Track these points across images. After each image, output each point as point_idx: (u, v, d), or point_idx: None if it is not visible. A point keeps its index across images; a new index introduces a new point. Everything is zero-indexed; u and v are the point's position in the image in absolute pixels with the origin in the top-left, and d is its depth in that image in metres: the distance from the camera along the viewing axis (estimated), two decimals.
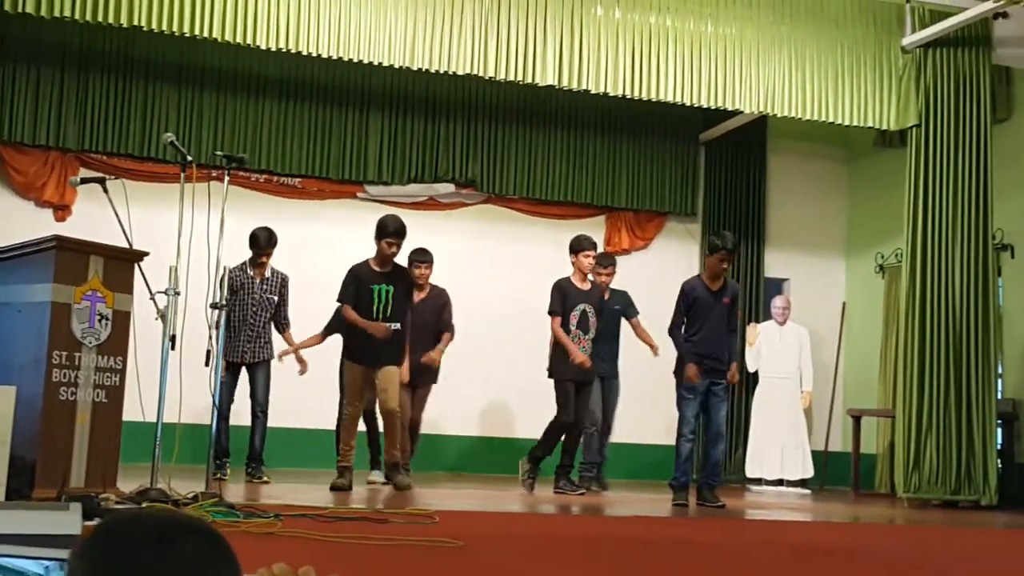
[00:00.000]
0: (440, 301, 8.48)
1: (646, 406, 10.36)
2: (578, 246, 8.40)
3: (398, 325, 7.57)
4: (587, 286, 8.42)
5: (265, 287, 8.31)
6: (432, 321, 8.33)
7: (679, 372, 7.91)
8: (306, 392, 8.90)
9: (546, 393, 8.97)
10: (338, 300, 7.83)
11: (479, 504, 7.12)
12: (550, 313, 8.34)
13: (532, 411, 10.58)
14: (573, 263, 8.40)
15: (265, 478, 8.14)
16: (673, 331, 7.99)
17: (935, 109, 9.40)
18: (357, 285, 7.55)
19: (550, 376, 8.39)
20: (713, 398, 7.87)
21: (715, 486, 7.97)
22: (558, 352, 8.34)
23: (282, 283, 8.41)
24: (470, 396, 10.67)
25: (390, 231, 7.47)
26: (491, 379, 10.69)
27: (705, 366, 7.79)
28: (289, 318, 8.48)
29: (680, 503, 7.75)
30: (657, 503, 8.09)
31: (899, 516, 8.05)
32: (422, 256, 8.46)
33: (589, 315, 8.30)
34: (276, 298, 8.36)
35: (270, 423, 8.41)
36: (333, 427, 8.46)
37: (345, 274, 7.74)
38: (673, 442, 8.05)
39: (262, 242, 8.22)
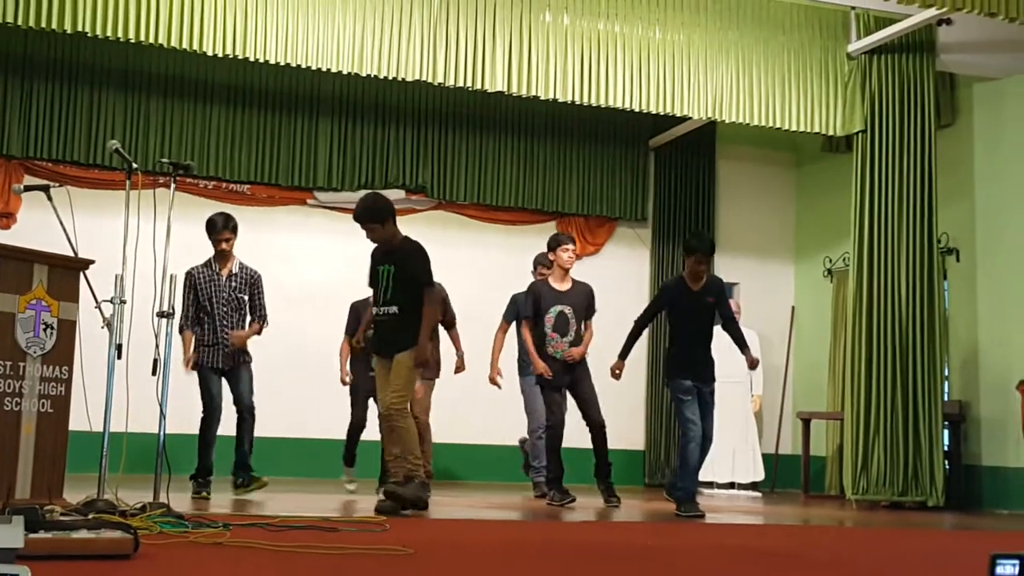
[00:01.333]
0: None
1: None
2: (555, 242, 8.09)
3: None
4: (566, 285, 7.95)
5: (233, 284, 7.71)
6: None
7: (671, 374, 7.36)
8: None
9: (498, 399, 8.96)
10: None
11: (430, 511, 7.10)
12: (523, 318, 8.05)
13: (483, 417, 10.59)
14: (552, 260, 8.07)
15: (264, 480, 7.63)
16: (635, 322, 7.55)
17: (880, 115, 9.53)
18: (374, 269, 6.79)
19: (536, 383, 8.01)
20: (701, 403, 7.26)
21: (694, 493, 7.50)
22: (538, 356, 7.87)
23: (251, 280, 7.81)
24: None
25: (356, 219, 6.62)
26: (441, 385, 10.65)
27: (692, 371, 7.25)
28: (266, 314, 7.87)
29: (693, 514, 7.11)
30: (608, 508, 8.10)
31: (848, 518, 8.13)
32: None
33: (568, 317, 7.85)
34: (246, 297, 7.79)
35: None
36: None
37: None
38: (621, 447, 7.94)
39: (219, 225, 7.65)
